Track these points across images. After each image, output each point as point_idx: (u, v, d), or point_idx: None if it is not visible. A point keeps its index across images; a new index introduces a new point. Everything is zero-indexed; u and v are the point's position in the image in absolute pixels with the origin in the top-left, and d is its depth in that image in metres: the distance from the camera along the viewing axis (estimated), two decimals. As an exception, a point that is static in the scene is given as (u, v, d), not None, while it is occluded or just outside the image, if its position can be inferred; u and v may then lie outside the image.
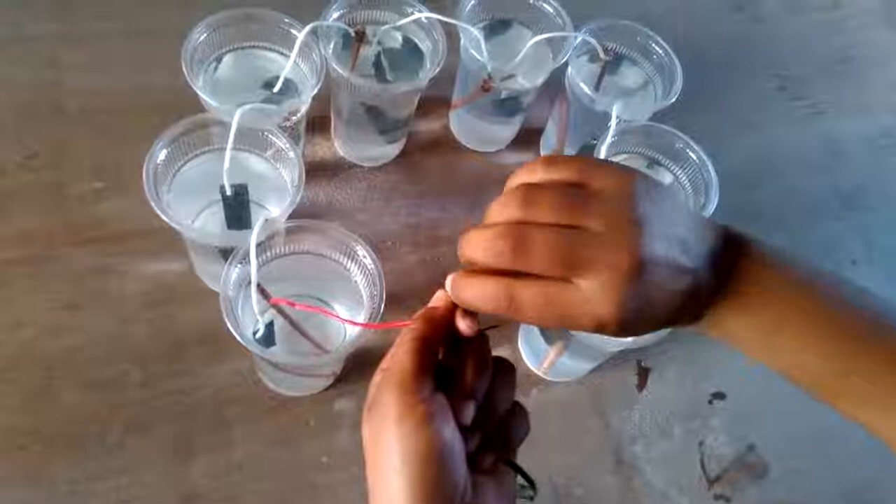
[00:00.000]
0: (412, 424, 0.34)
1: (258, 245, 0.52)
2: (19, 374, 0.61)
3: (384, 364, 0.39)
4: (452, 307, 0.39)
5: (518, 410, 0.41)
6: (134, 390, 0.62)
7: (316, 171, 0.77)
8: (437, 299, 0.39)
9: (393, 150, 0.79)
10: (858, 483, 0.73)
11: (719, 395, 0.73)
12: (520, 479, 0.43)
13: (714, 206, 0.65)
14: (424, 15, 0.68)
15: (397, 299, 0.67)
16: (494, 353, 0.41)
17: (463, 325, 0.38)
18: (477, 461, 0.38)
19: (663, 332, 0.59)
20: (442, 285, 0.39)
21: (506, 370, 0.40)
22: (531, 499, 0.57)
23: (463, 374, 0.38)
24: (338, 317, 0.60)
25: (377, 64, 0.72)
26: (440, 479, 0.34)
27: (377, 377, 0.38)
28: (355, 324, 0.54)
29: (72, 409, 0.60)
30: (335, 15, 0.67)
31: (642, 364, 0.73)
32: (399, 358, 0.36)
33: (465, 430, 0.37)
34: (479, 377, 0.39)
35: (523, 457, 0.42)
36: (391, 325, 0.46)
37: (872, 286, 0.38)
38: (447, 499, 0.34)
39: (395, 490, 0.34)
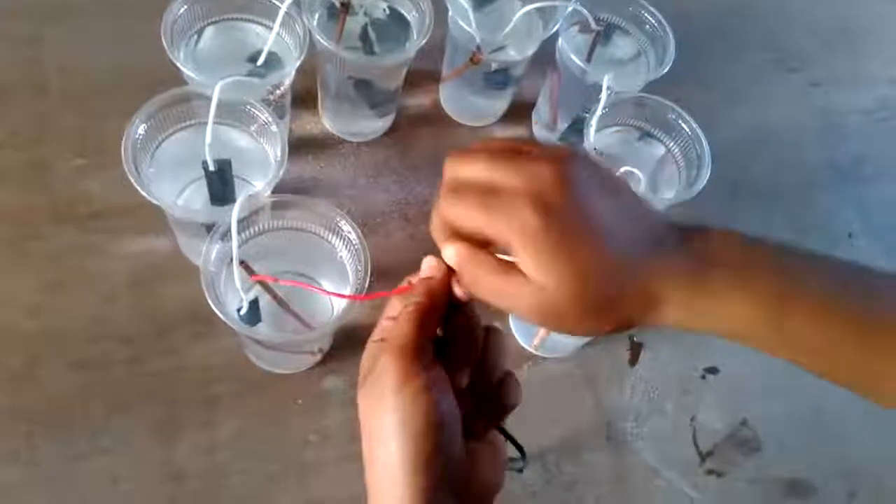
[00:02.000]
0: (412, 393, 0.34)
1: (241, 221, 0.51)
2: (2, 353, 0.60)
3: (377, 335, 0.39)
4: (448, 276, 0.38)
5: (509, 378, 0.40)
6: (119, 369, 0.61)
7: (303, 146, 0.75)
8: (432, 269, 0.39)
9: (382, 124, 0.78)
10: (853, 458, 0.72)
11: (712, 370, 0.73)
12: (510, 451, 0.43)
13: (707, 179, 0.64)
14: (411, -16, 0.67)
15: (385, 276, 0.65)
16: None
17: (460, 292, 0.38)
18: (469, 427, 0.37)
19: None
20: (429, 253, 0.39)
21: (496, 337, 0.40)
22: (520, 470, 0.56)
23: (457, 341, 0.39)
24: (322, 290, 0.60)
25: (364, 36, 0.71)
26: (437, 447, 0.34)
27: (371, 348, 0.38)
28: (340, 296, 0.54)
29: (56, 389, 0.60)
30: (319, -15, 0.66)
31: (634, 339, 0.73)
32: (400, 328, 0.36)
33: (458, 396, 0.37)
34: (471, 343, 0.39)
35: (515, 432, 0.42)
36: (377, 295, 0.45)
37: (870, 259, 0.37)
38: (443, 467, 0.34)
39: (391, 457, 0.34)
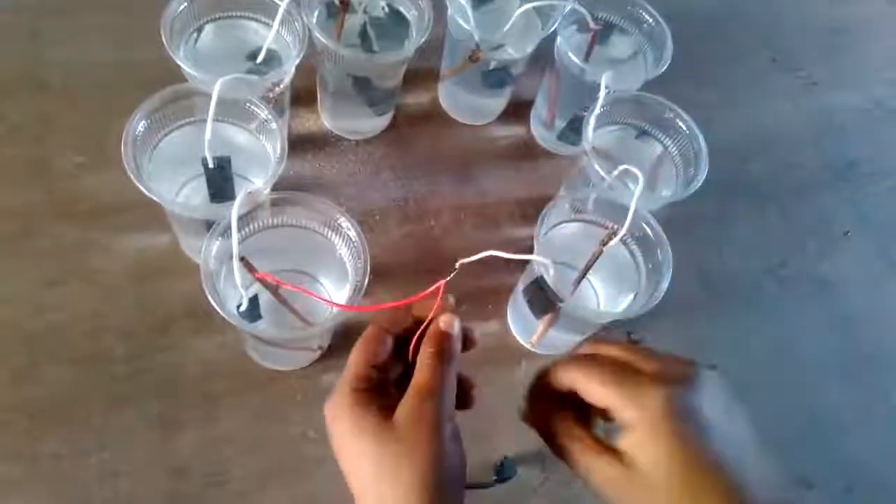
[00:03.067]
0: (443, 442, 0.38)
1: (241, 218, 0.51)
2: (3, 349, 0.60)
3: (351, 384, 0.41)
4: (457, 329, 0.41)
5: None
6: (119, 365, 0.61)
7: (302, 144, 0.76)
8: (450, 326, 0.41)
9: (381, 122, 0.78)
10: (850, 453, 0.73)
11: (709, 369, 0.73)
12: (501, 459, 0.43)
13: (704, 177, 0.64)
14: (410, -17, 0.67)
15: (385, 273, 0.66)
16: (486, 328, 0.41)
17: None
18: None
19: (652, 302, 0.59)
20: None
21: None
22: (507, 479, 0.56)
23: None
24: (319, 297, 0.60)
25: (363, 34, 0.71)
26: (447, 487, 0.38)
27: (352, 397, 0.40)
28: (338, 305, 0.53)
29: (56, 385, 0.60)
30: (318, -17, 0.66)
31: (631, 336, 0.73)
32: (426, 375, 0.39)
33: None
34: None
35: (511, 431, 0.42)
36: (378, 307, 0.45)
37: (864, 259, 0.37)
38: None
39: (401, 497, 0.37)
